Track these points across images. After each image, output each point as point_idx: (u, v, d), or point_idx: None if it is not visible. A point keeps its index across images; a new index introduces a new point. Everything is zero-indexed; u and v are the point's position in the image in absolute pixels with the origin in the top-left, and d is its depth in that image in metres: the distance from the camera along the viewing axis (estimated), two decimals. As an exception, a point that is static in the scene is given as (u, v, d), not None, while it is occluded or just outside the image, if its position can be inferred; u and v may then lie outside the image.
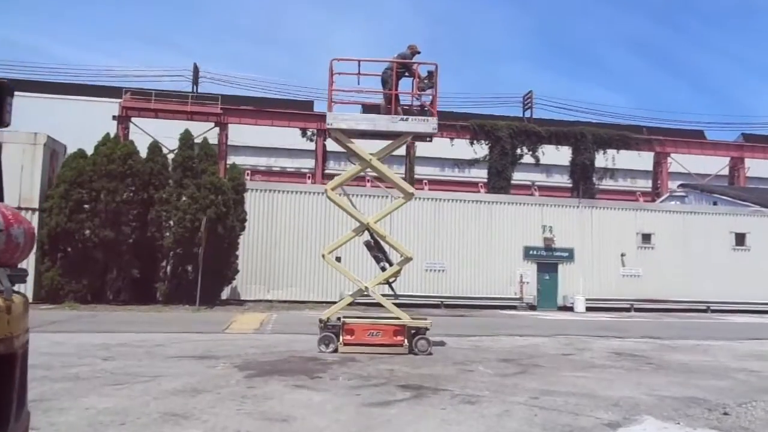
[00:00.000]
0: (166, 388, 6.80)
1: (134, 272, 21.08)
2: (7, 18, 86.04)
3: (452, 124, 36.76)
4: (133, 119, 35.22)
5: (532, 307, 26.08)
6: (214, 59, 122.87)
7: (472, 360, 9.73)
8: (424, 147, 17.89)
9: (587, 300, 26.18)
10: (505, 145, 38.07)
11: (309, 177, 39.33)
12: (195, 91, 41.67)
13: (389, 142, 10.72)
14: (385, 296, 11.23)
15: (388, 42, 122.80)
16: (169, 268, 21.96)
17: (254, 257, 24.40)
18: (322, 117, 29.92)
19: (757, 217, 29.97)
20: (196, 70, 43.29)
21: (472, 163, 39.05)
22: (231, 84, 43.73)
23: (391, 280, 10.95)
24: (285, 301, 23.82)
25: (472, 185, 40.27)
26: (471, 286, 26.25)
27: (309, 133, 38.76)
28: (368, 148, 10.98)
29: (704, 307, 26.96)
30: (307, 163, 40.30)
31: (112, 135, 23.87)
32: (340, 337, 10.22)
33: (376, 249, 10.75)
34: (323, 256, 10.75)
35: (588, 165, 38.96)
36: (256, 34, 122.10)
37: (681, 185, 38.42)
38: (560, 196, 35.06)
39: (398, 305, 11.48)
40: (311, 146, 38.75)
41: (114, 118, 34.68)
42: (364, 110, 10.83)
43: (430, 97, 10.65)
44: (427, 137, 10.78)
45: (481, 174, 39.45)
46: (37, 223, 20.44)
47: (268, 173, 40.84)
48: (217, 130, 36.37)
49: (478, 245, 26.65)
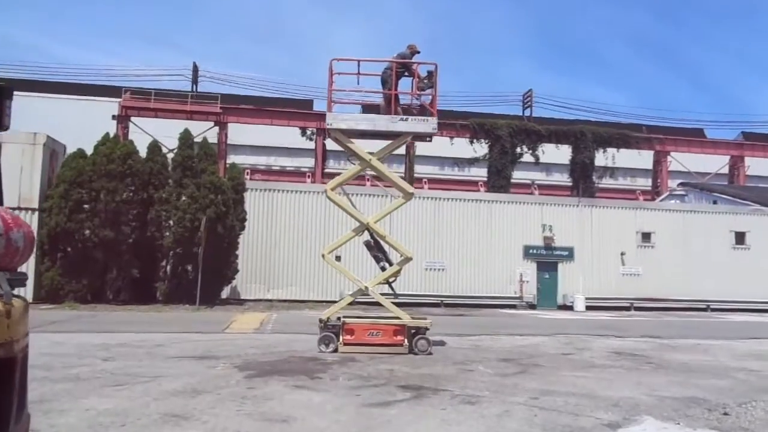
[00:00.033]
0: (166, 388, 6.81)
1: (134, 272, 21.08)
2: (7, 17, 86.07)
3: (452, 123, 36.73)
4: (133, 119, 35.20)
5: (531, 306, 26.09)
6: (213, 58, 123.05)
7: (472, 360, 9.74)
8: (423, 146, 17.87)
9: (587, 299, 26.18)
10: (505, 143, 38.05)
11: (309, 176, 39.32)
12: (194, 90, 41.64)
13: (389, 142, 10.72)
14: (384, 295, 11.23)
15: (388, 41, 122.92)
16: (168, 267, 21.97)
17: (254, 257, 24.41)
18: (321, 116, 29.88)
19: (756, 216, 29.97)
20: (195, 69, 43.26)
21: (472, 161, 39.03)
22: (230, 83, 43.74)
23: (391, 280, 10.96)
24: (285, 301, 23.83)
25: (471, 184, 40.27)
26: (471, 285, 26.25)
27: (309, 132, 38.74)
28: (368, 147, 10.98)
29: (704, 306, 26.97)
30: (307, 162, 40.28)
31: (111, 135, 23.85)
32: (340, 337, 10.23)
33: (376, 249, 10.75)
34: (323, 256, 10.75)
35: (588, 164, 38.95)
36: (256, 33, 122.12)
37: (681, 184, 38.42)
38: (560, 195, 35.06)
39: (398, 304, 11.48)
40: (311, 145, 38.72)
41: (113, 117, 34.66)
42: (364, 110, 10.82)
43: (430, 97, 10.64)
44: (426, 137, 10.77)
45: (480, 173, 39.43)
46: (36, 223, 20.46)
47: (268, 172, 40.83)
48: (216, 129, 36.38)
49: (478, 244, 26.65)
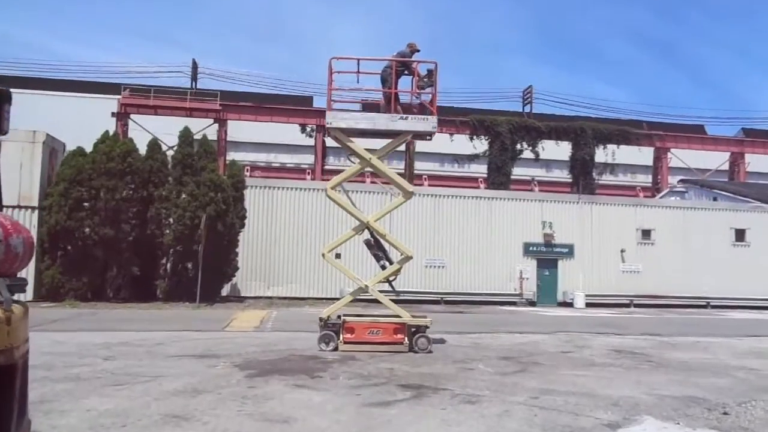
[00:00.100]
0: (166, 388, 6.81)
1: (134, 270, 21.08)
2: (6, 14, 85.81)
3: (452, 120, 36.71)
4: (132, 116, 35.17)
5: (531, 303, 26.11)
6: (213, 55, 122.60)
7: (472, 358, 9.75)
8: (423, 143, 17.70)
9: (587, 296, 26.18)
10: (505, 140, 38.04)
11: (309, 173, 39.30)
12: (194, 87, 41.54)
13: (389, 140, 10.70)
14: (383, 292, 11.20)
15: (388, 37, 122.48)
16: (169, 265, 21.97)
17: (254, 254, 24.41)
18: (321, 113, 29.86)
19: (757, 213, 29.96)
20: (195, 66, 43.11)
21: (472, 158, 39.02)
22: (230, 80, 43.68)
23: (391, 278, 10.96)
24: (285, 298, 23.85)
25: (471, 180, 40.25)
26: (471, 282, 26.26)
27: (308, 129, 38.72)
28: (368, 146, 10.96)
29: (704, 303, 27.00)
30: (307, 159, 40.25)
31: (111, 132, 23.82)
32: (341, 336, 10.23)
33: (376, 247, 10.75)
34: (323, 255, 10.75)
35: (588, 160, 38.95)
36: (256, 29, 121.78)
37: (681, 181, 38.39)
38: (560, 191, 35.07)
39: (398, 302, 11.48)
40: (311, 142, 38.70)
41: (113, 115, 34.63)
42: (364, 108, 10.80)
43: (430, 96, 10.62)
44: (427, 136, 10.75)
45: (480, 169, 39.42)
46: (36, 221, 20.48)
47: (268, 169, 40.80)
48: (216, 126, 36.35)
49: (478, 241, 26.65)
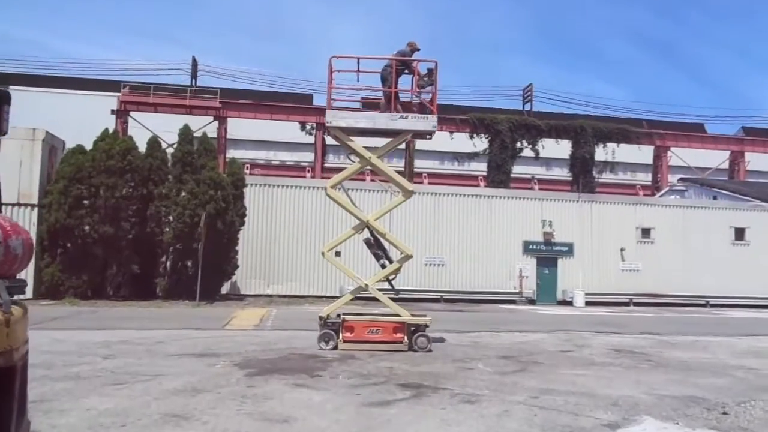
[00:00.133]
0: (166, 387, 6.81)
1: (134, 268, 21.07)
2: (6, 14, 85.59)
3: (452, 118, 36.69)
4: (132, 113, 35.14)
5: (531, 302, 26.12)
6: (213, 52, 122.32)
7: (471, 357, 9.75)
8: (423, 141, 17.75)
9: (586, 294, 26.18)
10: (505, 138, 38.03)
11: (308, 170, 39.29)
12: (194, 84, 41.50)
13: (389, 139, 10.69)
14: (382, 290, 11.18)
15: (388, 36, 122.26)
16: (168, 263, 21.96)
17: (254, 252, 24.41)
18: (321, 111, 29.85)
19: (756, 211, 29.97)
20: (194, 63, 43.06)
21: (472, 156, 39.02)
22: (230, 77, 43.62)
23: (391, 277, 10.96)
24: (285, 296, 23.86)
25: (471, 179, 40.24)
26: (470, 281, 26.27)
27: (308, 127, 38.71)
28: (368, 144, 10.95)
29: (703, 302, 27.02)
30: (307, 157, 40.24)
31: (110, 130, 23.79)
32: (340, 335, 10.23)
33: (376, 246, 10.75)
34: (323, 254, 10.75)
35: (588, 158, 38.95)
36: (256, 27, 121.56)
37: (681, 179, 38.39)
38: (560, 190, 35.06)
39: (397, 300, 11.47)
40: (310, 140, 38.69)
41: (112, 112, 34.59)
42: (364, 106, 10.78)
43: (430, 95, 10.61)
44: (427, 135, 10.74)
45: (480, 167, 39.40)
46: (36, 219, 20.48)
47: (267, 167, 40.79)
48: (215, 123, 36.32)
49: (478, 240, 26.65)
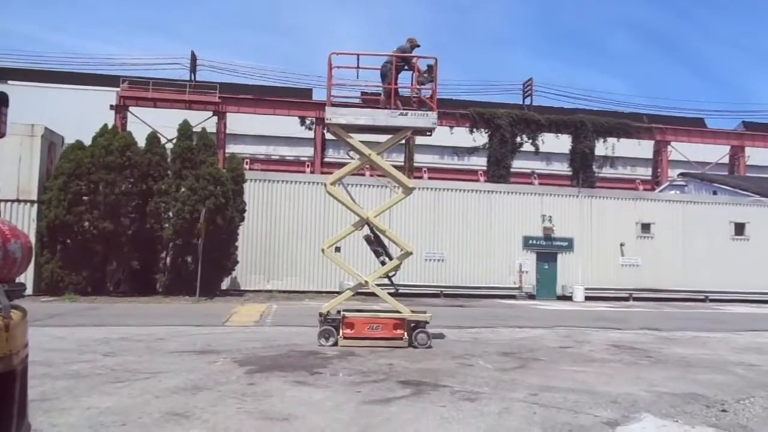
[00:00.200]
0: (166, 385, 6.80)
1: (134, 264, 21.10)
2: (4, 6, 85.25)
3: (452, 112, 36.60)
4: (131, 108, 35.04)
5: (531, 297, 26.17)
6: (212, 46, 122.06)
7: (471, 354, 9.75)
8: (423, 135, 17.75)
9: (586, 289, 26.25)
10: (505, 133, 37.95)
11: (308, 165, 39.26)
12: (193, 79, 41.39)
13: (389, 136, 10.66)
14: (381, 286, 11.15)
15: (389, 30, 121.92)
16: (168, 259, 21.99)
17: (254, 247, 24.42)
18: (320, 105, 29.75)
19: (756, 206, 29.96)
20: (193, 57, 42.92)
21: (472, 151, 38.95)
22: (229, 72, 43.46)
23: (391, 274, 10.95)
24: (285, 291, 23.89)
25: (471, 173, 40.21)
26: (470, 276, 26.31)
27: (308, 121, 38.63)
28: (368, 140, 10.92)
29: (703, 297, 27.06)
30: (306, 152, 40.18)
31: (109, 124, 23.76)
32: (340, 331, 10.22)
33: (376, 243, 10.73)
34: (323, 250, 10.74)
35: (588, 153, 38.88)
36: (255, 20, 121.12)
37: (681, 174, 38.36)
38: (560, 185, 35.03)
39: (397, 295, 11.46)
40: (310, 134, 38.60)
41: (112, 107, 34.50)
42: (364, 100, 10.75)
43: (430, 91, 10.57)
44: (427, 132, 10.71)
45: (480, 162, 39.35)
46: (35, 215, 20.47)
47: (267, 161, 40.76)
48: (215, 118, 36.23)
49: (478, 235, 26.66)
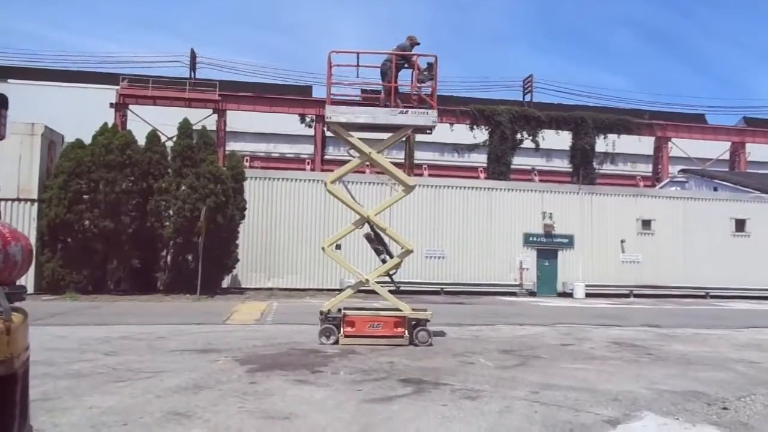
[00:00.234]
0: (168, 384, 6.81)
1: (134, 262, 21.12)
2: (3, 4, 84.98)
3: (452, 109, 36.55)
4: (131, 107, 35.01)
5: (531, 294, 26.17)
6: (213, 44, 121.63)
7: (472, 351, 9.76)
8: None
9: (587, 286, 26.23)
10: (505, 130, 37.91)
11: (308, 163, 39.23)
12: (192, 76, 41.32)
13: (389, 134, 10.64)
14: (381, 283, 11.16)
15: (389, 26, 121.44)
16: (169, 257, 22.01)
17: (254, 245, 24.43)
18: (320, 103, 29.72)
19: (757, 203, 29.94)
20: (193, 55, 42.82)
21: (472, 148, 38.90)
22: (229, 69, 43.39)
23: (391, 272, 10.95)
24: (285, 289, 23.89)
25: (471, 170, 40.17)
26: (471, 273, 26.30)
27: (308, 119, 38.58)
28: (368, 137, 10.91)
29: (703, 294, 27.06)
30: (307, 149, 40.14)
31: (109, 122, 23.74)
32: (341, 329, 10.23)
33: (377, 241, 10.73)
34: (323, 249, 10.74)
35: (588, 150, 38.85)
36: (257, 18, 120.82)
37: (682, 171, 38.31)
38: (560, 181, 35.02)
39: (398, 292, 11.46)
40: (310, 132, 38.56)
41: (111, 105, 34.46)
42: (364, 96, 10.74)
43: (430, 89, 10.55)
44: (427, 130, 10.70)
45: (480, 159, 39.31)
46: (36, 214, 20.48)
47: (267, 159, 40.74)
48: (215, 116, 36.19)
49: (478, 232, 26.65)
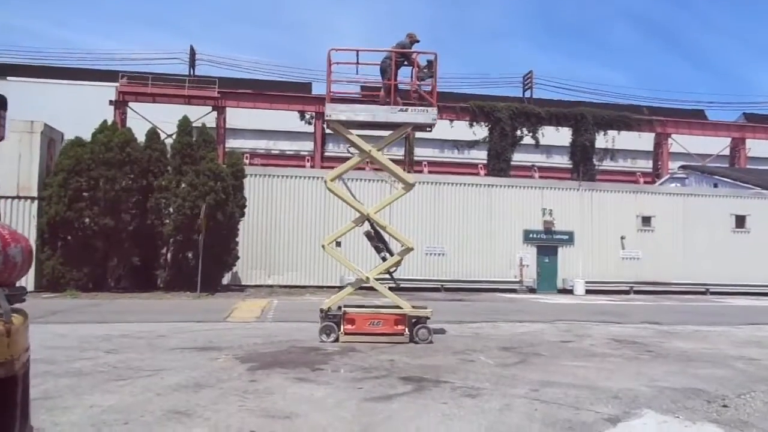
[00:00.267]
0: (168, 383, 6.80)
1: (135, 260, 21.13)
2: (6, 10, 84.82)
3: (452, 106, 36.54)
4: (130, 104, 34.98)
5: (531, 290, 26.20)
6: (213, 42, 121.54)
7: (472, 349, 9.76)
8: (423, 131, 17.73)
9: (587, 282, 26.27)
10: (505, 126, 37.90)
11: (308, 160, 39.22)
12: (192, 73, 41.29)
13: (389, 131, 10.63)
14: (380, 281, 11.16)
15: (389, 23, 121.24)
16: (169, 255, 22.03)
17: (254, 243, 24.44)
18: (320, 100, 29.72)
19: (757, 199, 29.93)
20: (192, 52, 42.78)
21: (472, 144, 38.91)
22: (228, 66, 43.33)
23: (392, 269, 10.95)
24: (285, 286, 23.93)
25: (471, 167, 40.18)
26: (471, 270, 26.32)
27: (307, 116, 38.56)
28: (368, 135, 10.90)
29: (703, 290, 27.09)
30: (306, 146, 40.15)
31: (109, 120, 23.72)
32: (341, 327, 10.23)
33: (377, 239, 10.73)
34: (323, 246, 10.74)
35: (588, 146, 38.86)
36: (257, 16, 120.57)
37: (682, 167, 38.30)
38: (560, 178, 34.98)
39: (398, 289, 11.47)
40: (310, 129, 38.56)
41: (111, 103, 34.44)
42: (363, 92, 10.71)
43: (430, 87, 10.53)
44: (427, 127, 10.68)
45: (480, 155, 39.32)
46: (36, 212, 20.49)
47: (267, 156, 40.73)
48: (214, 113, 36.17)
49: (478, 229, 26.66)
